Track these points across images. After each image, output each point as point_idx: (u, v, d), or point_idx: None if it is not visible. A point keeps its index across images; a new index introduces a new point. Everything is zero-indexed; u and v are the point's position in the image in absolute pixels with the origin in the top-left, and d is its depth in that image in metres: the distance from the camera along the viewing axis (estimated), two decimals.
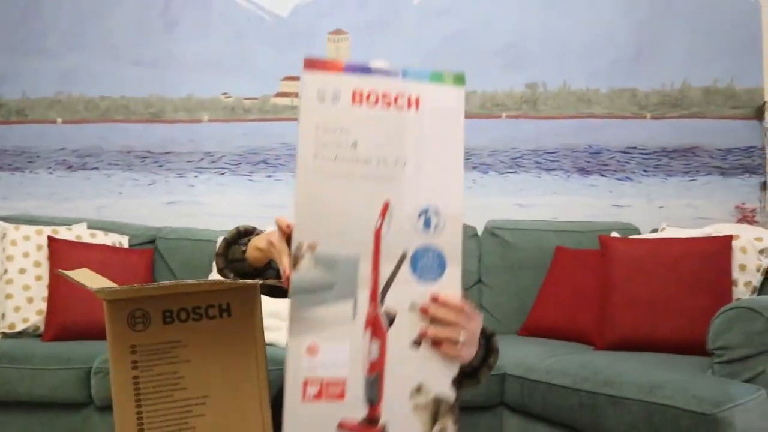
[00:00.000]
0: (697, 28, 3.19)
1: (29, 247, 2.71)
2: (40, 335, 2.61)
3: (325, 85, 0.94)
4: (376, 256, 0.94)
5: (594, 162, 3.25)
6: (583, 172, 3.25)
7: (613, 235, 2.70)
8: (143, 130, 3.38)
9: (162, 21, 3.39)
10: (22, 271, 2.67)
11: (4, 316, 2.63)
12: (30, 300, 2.64)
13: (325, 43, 3.32)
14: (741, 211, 3.13)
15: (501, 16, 3.29)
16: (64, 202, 3.34)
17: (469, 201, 3.22)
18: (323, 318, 0.93)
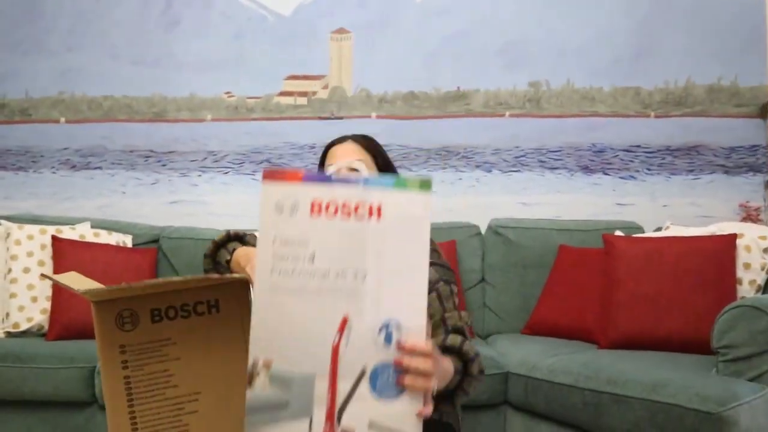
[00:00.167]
0: (700, 26, 3.19)
1: (33, 246, 2.71)
2: (44, 334, 2.61)
3: (283, 197, 0.92)
4: (333, 373, 0.92)
5: (597, 160, 3.24)
6: (586, 170, 3.24)
7: (617, 233, 2.70)
8: (146, 129, 3.38)
9: (164, 20, 3.38)
10: (26, 270, 2.67)
11: (8, 315, 2.64)
12: (34, 299, 2.65)
13: (328, 42, 3.33)
14: (745, 209, 3.13)
15: (502, 16, 3.28)
16: (68, 202, 3.34)
17: (473, 199, 3.23)
18: None
